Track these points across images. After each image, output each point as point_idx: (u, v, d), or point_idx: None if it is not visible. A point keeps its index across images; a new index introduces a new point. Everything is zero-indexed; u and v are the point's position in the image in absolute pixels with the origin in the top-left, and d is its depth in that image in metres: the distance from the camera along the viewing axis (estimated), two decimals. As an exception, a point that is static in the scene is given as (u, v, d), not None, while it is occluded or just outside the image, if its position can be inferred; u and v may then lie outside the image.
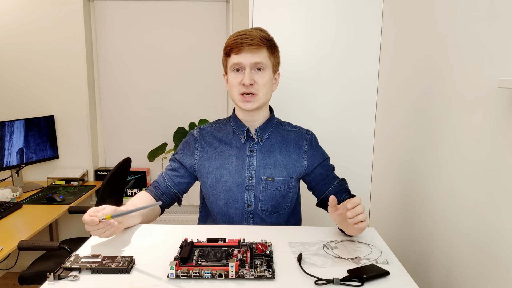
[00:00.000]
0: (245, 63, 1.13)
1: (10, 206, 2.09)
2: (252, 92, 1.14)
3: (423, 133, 1.30)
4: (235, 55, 1.14)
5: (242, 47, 1.12)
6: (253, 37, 1.12)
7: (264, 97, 1.17)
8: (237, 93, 1.16)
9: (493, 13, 0.93)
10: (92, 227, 0.94)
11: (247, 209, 1.22)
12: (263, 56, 1.14)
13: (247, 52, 1.12)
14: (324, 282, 0.83)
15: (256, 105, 1.16)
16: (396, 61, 1.58)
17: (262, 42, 1.13)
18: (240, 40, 1.12)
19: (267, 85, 1.17)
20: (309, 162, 1.26)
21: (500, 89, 0.89)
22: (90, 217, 0.92)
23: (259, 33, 1.15)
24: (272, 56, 1.18)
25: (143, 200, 1.18)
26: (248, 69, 1.13)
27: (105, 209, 0.97)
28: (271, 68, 1.18)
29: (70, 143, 2.75)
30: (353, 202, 0.95)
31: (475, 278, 0.98)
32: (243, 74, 1.14)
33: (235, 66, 1.15)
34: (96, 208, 0.97)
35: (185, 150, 1.27)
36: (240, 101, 1.16)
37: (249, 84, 1.13)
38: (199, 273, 0.83)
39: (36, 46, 2.64)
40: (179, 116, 2.75)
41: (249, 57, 1.13)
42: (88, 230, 0.96)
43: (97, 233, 0.96)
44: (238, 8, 2.60)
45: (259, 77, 1.15)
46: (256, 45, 1.12)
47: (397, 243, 1.47)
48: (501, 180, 0.88)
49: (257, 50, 1.13)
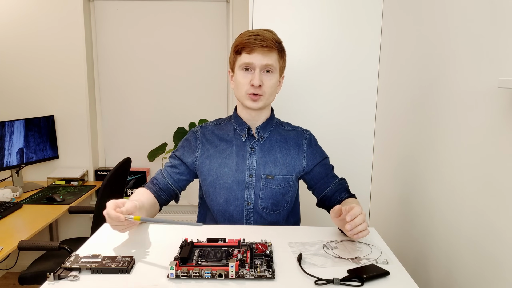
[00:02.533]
0: (256, 64, 1.14)
1: (10, 206, 2.09)
2: (260, 93, 1.16)
3: (423, 133, 1.30)
4: (246, 54, 1.15)
5: (255, 47, 1.13)
6: (266, 39, 1.13)
7: (269, 98, 1.20)
8: (245, 92, 1.17)
9: (493, 13, 0.93)
10: (114, 222, 0.96)
11: (247, 207, 1.22)
12: (273, 58, 1.16)
13: (259, 53, 1.14)
14: (324, 282, 0.83)
15: (261, 105, 1.18)
16: (396, 62, 1.58)
17: (274, 45, 1.15)
18: (253, 40, 1.13)
19: (273, 87, 1.19)
20: (308, 161, 1.27)
21: (500, 89, 0.89)
22: (116, 214, 0.94)
23: (272, 36, 1.16)
24: (281, 60, 1.20)
25: (144, 197, 1.19)
26: (258, 70, 1.14)
27: (126, 204, 0.98)
28: (279, 71, 1.20)
29: (70, 143, 2.75)
30: (352, 214, 0.95)
31: (475, 278, 0.98)
32: (252, 74, 1.15)
33: (245, 65, 1.16)
34: (116, 203, 0.97)
35: (185, 148, 1.28)
36: (247, 99, 1.18)
37: (258, 85, 1.14)
38: (199, 273, 0.83)
39: (36, 46, 2.63)
40: (179, 116, 2.75)
41: (261, 58, 1.14)
42: (109, 223, 0.98)
43: (117, 228, 0.99)
44: (238, 8, 2.60)
45: (268, 79, 1.17)
46: (268, 47, 1.14)
47: (397, 243, 1.47)
48: (501, 180, 0.88)
49: (268, 52, 1.14)
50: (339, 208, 1.01)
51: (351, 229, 0.94)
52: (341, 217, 1.01)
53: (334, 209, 1.02)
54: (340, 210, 1.01)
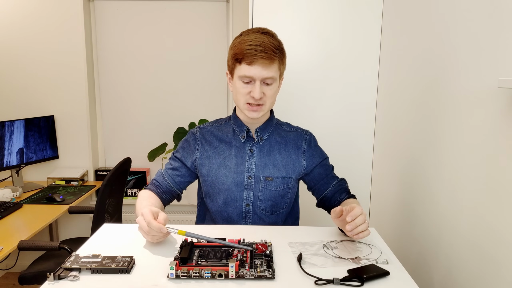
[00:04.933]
0: (256, 76, 1.11)
1: (10, 206, 2.09)
2: (260, 103, 1.15)
3: (423, 133, 1.30)
4: (246, 66, 1.11)
5: (256, 59, 1.09)
6: (267, 49, 1.09)
7: (270, 106, 1.19)
8: (244, 101, 1.16)
9: (493, 13, 0.93)
10: (153, 232, 0.94)
11: (246, 208, 1.22)
12: (274, 69, 1.13)
13: (259, 65, 1.10)
14: (324, 282, 0.83)
15: (261, 114, 1.18)
16: (396, 62, 1.58)
17: (275, 55, 1.11)
18: (253, 51, 1.09)
19: (274, 95, 1.18)
20: (308, 162, 1.27)
21: (500, 89, 0.89)
22: (158, 225, 0.93)
23: (272, 42, 1.12)
24: (282, 66, 1.18)
25: (155, 200, 1.19)
26: (258, 82, 1.12)
27: (160, 215, 0.97)
28: (279, 77, 1.18)
29: (70, 143, 2.75)
30: (353, 214, 0.95)
31: (475, 278, 0.98)
32: (252, 85, 1.13)
33: (245, 78, 1.13)
34: (153, 212, 0.97)
35: (185, 148, 1.28)
36: (246, 109, 1.17)
37: (259, 98, 1.13)
38: (199, 273, 0.83)
39: (36, 46, 2.63)
40: (179, 116, 2.75)
41: (261, 71, 1.11)
42: (144, 232, 0.96)
43: (153, 238, 0.97)
44: (238, 8, 2.60)
45: (268, 89, 1.15)
46: (269, 59, 1.10)
47: (397, 243, 1.47)
48: (501, 180, 0.88)
49: (269, 64, 1.11)
50: (340, 209, 1.00)
51: (351, 230, 0.94)
52: (342, 217, 1.01)
53: (335, 210, 1.02)
54: (341, 211, 1.00)
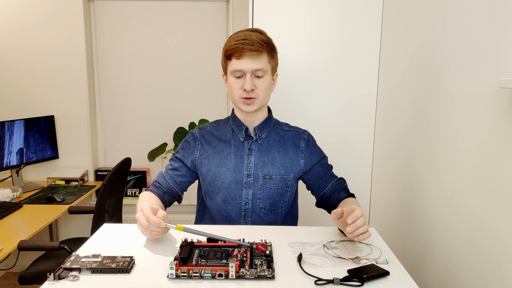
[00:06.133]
0: (246, 69, 1.14)
1: (10, 206, 2.09)
2: (253, 96, 1.17)
3: (422, 133, 1.30)
4: (236, 60, 1.15)
5: (244, 52, 1.13)
6: (253, 42, 1.13)
7: (264, 99, 1.21)
8: (238, 96, 1.18)
9: (492, 13, 0.93)
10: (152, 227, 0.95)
11: (245, 207, 1.23)
12: (263, 61, 1.16)
13: (248, 58, 1.14)
14: (324, 282, 0.83)
15: (256, 107, 1.19)
16: (396, 63, 1.58)
17: (263, 47, 1.15)
18: (241, 45, 1.13)
19: (266, 89, 1.20)
20: (306, 161, 1.27)
21: (500, 89, 0.89)
22: (157, 219, 0.94)
23: (259, 37, 1.15)
24: (272, 59, 1.20)
25: (155, 200, 1.20)
26: (249, 74, 1.15)
27: (159, 212, 0.98)
28: (271, 71, 1.20)
29: (70, 143, 2.75)
30: (353, 216, 0.95)
31: (474, 278, 0.98)
32: (244, 79, 1.16)
33: (236, 72, 1.16)
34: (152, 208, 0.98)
35: (185, 149, 1.29)
36: (241, 103, 1.19)
37: (250, 90, 1.15)
38: (199, 273, 0.83)
39: (36, 46, 2.63)
40: (179, 116, 2.75)
41: (250, 63, 1.14)
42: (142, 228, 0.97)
43: (151, 234, 0.98)
44: (238, 8, 2.60)
45: (260, 82, 1.17)
46: (257, 51, 1.13)
47: (397, 243, 1.47)
48: (501, 180, 0.88)
49: (258, 56, 1.14)
50: (341, 211, 1.00)
51: (352, 232, 0.94)
52: (342, 219, 1.01)
53: (335, 211, 1.02)
54: (341, 213, 1.00)
